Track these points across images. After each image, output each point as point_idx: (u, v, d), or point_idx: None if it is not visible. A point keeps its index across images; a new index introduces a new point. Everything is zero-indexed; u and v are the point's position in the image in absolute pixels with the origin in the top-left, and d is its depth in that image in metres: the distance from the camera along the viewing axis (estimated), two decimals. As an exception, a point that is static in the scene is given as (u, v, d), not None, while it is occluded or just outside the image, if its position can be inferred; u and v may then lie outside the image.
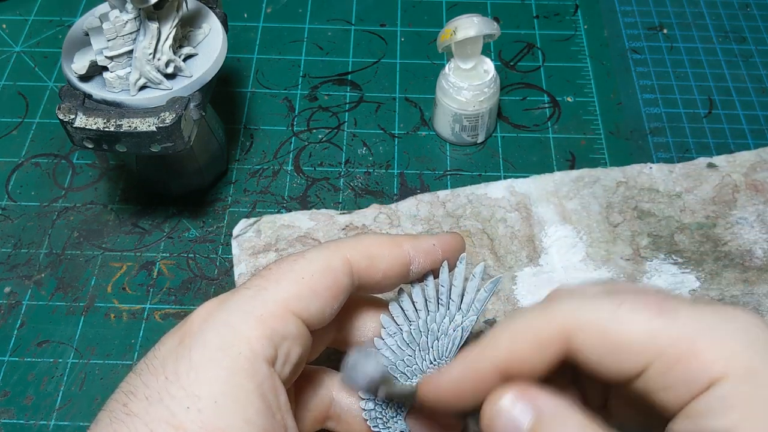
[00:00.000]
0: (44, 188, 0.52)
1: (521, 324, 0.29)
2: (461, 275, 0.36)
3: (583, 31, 0.63)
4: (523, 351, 0.28)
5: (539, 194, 0.49)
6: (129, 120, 0.43)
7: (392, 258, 0.35)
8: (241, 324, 0.31)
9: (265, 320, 0.31)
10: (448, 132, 0.54)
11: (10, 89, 0.58)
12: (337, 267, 0.34)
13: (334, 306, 0.33)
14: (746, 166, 0.51)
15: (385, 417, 0.36)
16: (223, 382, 0.29)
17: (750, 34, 0.62)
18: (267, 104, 0.58)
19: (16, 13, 0.64)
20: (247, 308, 0.31)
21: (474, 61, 0.52)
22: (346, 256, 0.34)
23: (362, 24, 0.63)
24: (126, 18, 0.42)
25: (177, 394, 0.29)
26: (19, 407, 0.42)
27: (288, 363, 0.31)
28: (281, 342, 0.31)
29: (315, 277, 0.33)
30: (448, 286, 0.36)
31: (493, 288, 0.36)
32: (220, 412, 0.28)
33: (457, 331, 0.36)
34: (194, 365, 0.29)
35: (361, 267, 0.34)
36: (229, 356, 0.30)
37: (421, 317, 0.36)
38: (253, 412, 0.29)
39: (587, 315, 0.28)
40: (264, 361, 0.30)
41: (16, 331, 0.45)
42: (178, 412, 0.28)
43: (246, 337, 0.30)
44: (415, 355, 0.36)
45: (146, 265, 0.48)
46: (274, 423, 0.29)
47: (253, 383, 0.29)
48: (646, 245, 0.47)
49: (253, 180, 0.53)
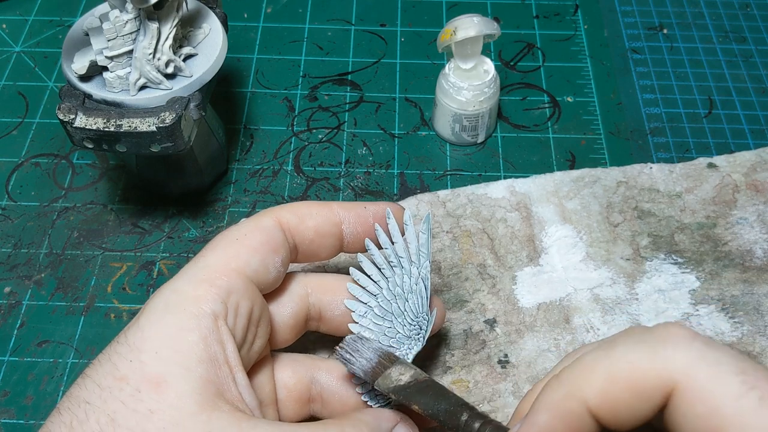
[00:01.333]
0: (44, 188, 0.52)
1: (622, 363, 0.24)
2: (396, 230, 0.37)
3: (583, 31, 0.63)
4: (619, 397, 0.24)
5: (539, 194, 0.49)
6: (129, 120, 0.43)
7: (321, 216, 0.37)
8: (185, 286, 0.32)
9: (208, 279, 0.32)
10: (448, 132, 0.54)
11: (10, 89, 0.58)
12: (268, 224, 0.35)
13: (276, 260, 0.35)
14: (746, 166, 0.51)
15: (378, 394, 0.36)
16: (166, 336, 0.31)
17: (750, 34, 0.62)
18: (267, 104, 0.58)
19: (16, 13, 0.64)
20: (189, 274, 0.33)
21: (474, 61, 0.52)
22: (275, 216, 0.36)
23: (362, 24, 0.63)
24: (126, 18, 0.42)
25: (122, 351, 0.30)
26: (19, 407, 0.42)
27: (239, 316, 0.33)
28: (228, 296, 0.32)
29: (248, 235, 0.35)
30: (391, 246, 0.37)
31: (428, 226, 0.37)
32: (160, 361, 0.30)
33: (419, 283, 0.37)
34: (141, 326, 0.31)
35: (291, 224, 0.36)
36: (172, 314, 0.31)
37: (382, 287, 0.37)
38: (195, 362, 0.30)
39: (703, 379, 0.23)
40: (210, 316, 0.31)
41: (16, 331, 0.45)
42: (122, 365, 0.30)
43: (190, 297, 0.32)
44: (394, 324, 0.37)
45: (146, 265, 0.48)
46: (219, 373, 0.30)
47: (197, 335, 0.31)
48: (646, 245, 0.47)
49: (253, 180, 0.53)
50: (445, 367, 0.42)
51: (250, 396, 0.32)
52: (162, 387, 0.29)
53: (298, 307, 0.37)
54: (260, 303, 0.34)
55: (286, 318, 0.37)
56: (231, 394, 0.30)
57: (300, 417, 0.37)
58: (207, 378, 0.30)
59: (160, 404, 0.29)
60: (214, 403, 0.29)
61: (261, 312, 0.34)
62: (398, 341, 0.36)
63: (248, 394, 0.31)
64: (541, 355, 0.42)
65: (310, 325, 0.38)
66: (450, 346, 0.43)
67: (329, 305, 0.38)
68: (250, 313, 0.33)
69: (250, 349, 0.34)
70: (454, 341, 0.43)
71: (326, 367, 0.37)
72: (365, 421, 0.32)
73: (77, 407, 0.29)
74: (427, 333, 0.37)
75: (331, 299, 0.38)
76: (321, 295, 0.38)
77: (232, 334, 0.32)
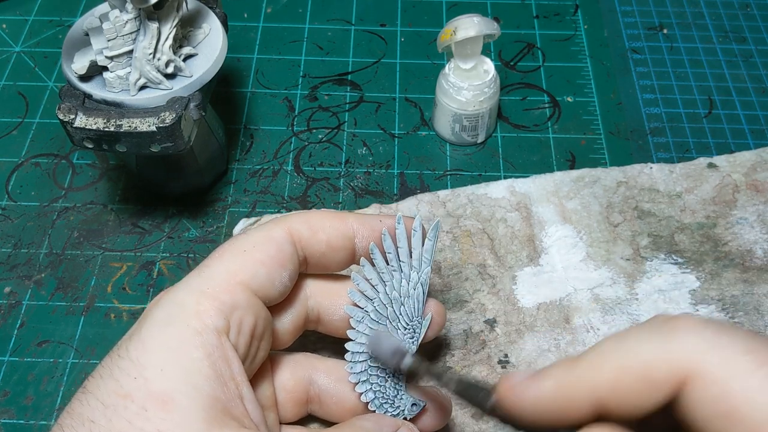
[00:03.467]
0: (44, 188, 0.52)
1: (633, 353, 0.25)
2: (403, 236, 0.37)
3: (583, 31, 0.63)
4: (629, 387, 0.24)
5: (539, 194, 0.49)
6: (129, 120, 0.43)
7: (334, 229, 0.35)
8: (188, 299, 0.31)
9: (212, 293, 0.32)
10: (448, 132, 0.54)
11: (10, 89, 0.58)
12: (279, 236, 0.34)
13: (283, 274, 0.34)
14: (746, 166, 0.51)
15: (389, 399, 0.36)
16: (170, 351, 0.30)
17: (750, 34, 0.62)
18: (267, 104, 0.58)
19: (16, 13, 0.64)
20: (192, 285, 0.32)
21: (474, 61, 0.52)
22: (286, 227, 0.35)
23: (362, 24, 0.63)
24: (126, 18, 0.42)
25: (125, 366, 0.30)
26: (19, 407, 0.42)
27: (242, 333, 0.32)
28: (231, 312, 0.31)
29: (257, 247, 0.33)
30: (395, 251, 0.36)
31: (435, 233, 0.37)
32: (165, 379, 0.29)
33: (418, 288, 0.36)
34: (143, 339, 0.30)
35: (303, 236, 0.35)
36: (176, 328, 0.30)
37: (380, 291, 0.37)
38: (201, 379, 0.29)
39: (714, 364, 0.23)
40: (213, 332, 0.30)
41: (16, 331, 0.45)
42: (126, 382, 0.29)
43: (193, 311, 0.31)
44: (388, 328, 0.36)
45: (146, 265, 0.48)
46: (225, 390, 0.30)
47: (202, 352, 0.30)
48: (646, 245, 0.47)
49: (253, 180, 0.53)
50: (445, 367, 0.42)
51: (255, 410, 0.31)
52: (169, 405, 0.28)
53: (297, 311, 0.37)
54: (264, 317, 0.34)
55: (285, 322, 0.36)
56: (238, 410, 0.30)
57: (298, 417, 0.37)
58: (214, 395, 0.29)
59: (168, 423, 0.28)
60: (221, 421, 0.29)
61: (265, 327, 0.34)
62: None
63: (254, 409, 0.31)
64: (541, 355, 0.42)
65: (309, 326, 0.38)
66: (450, 346, 0.43)
67: (328, 309, 0.37)
68: (253, 329, 0.33)
69: (253, 362, 0.33)
70: (454, 341, 0.43)
71: (325, 368, 0.37)
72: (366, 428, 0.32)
73: (81, 426, 0.28)
74: (420, 338, 0.37)
75: (331, 303, 0.37)
76: (320, 299, 0.37)
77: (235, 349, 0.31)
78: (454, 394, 0.31)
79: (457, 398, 0.31)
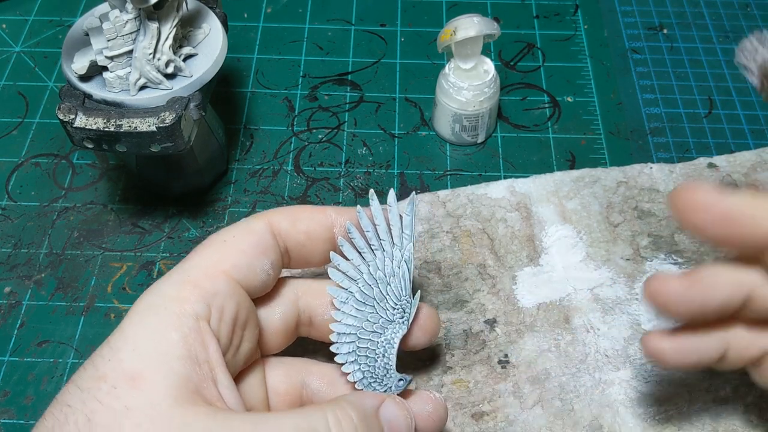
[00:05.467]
0: (44, 188, 0.52)
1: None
2: (379, 213, 0.36)
3: (583, 31, 0.63)
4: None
5: (539, 194, 0.49)
6: (129, 120, 0.43)
7: (313, 220, 0.36)
8: (169, 288, 0.32)
9: (192, 281, 0.32)
10: (448, 132, 0.54)
11: (10, 89, 0.58)
12: (259, 227, 0.35)
13: (265, 262, 0.34)
14: (746, 166, 0.51)
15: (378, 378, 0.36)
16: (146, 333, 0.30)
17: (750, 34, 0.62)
18: (267, 104, 0.58)
19: (16, 13, 0.64)
20: (174, 276, 0.33)
21: (474, 61, 0.52)
22: (266, 219, 0.35)
23: (362, 24, 0.63)
24: (126, 18, 0.42)
25: (104, 353, 0.30)
26: (19, 407, 0.42)
27: (224, 320, 0.32)
28: (212, 298, 0.32)
29: (237, 237, 0.34)
30: (373, 229, 0.36)
31: (412, 208, 0.36)
32: (138, 357, 0.29)
33: (402, 266, 0.36)
34: (122, 328, 0.31)
35: (283, 227, 0.36)
36: (155, 313, 0.31)
37: (363, 271, 0.36)
38: (173, 359, 0.30)
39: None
40: (192, 316, 0.31)
41: (16, 331, 0.45)
42: (101, 365, 0.30)
43: (174, 297, 0.31)
44: (376, 309, 0.36)
45: (146, 265, 0.48)
46: (198, 371, 0.30)
47: (178, 334, 0.30)
48: (646, 245, 0.47)
49: (253, 180, 0.53)
50: (445, 367, 0.42)
51: (233, 397, 0.31)
52: (137, 381, 0.29)
53: (287, 311, 0.37)
54: (247, 306, 0.34)
55: (275, 322, 0.36)
56: (210, 392, 0.30)
57: None
58: (185, 375, 0.29)
59: (136, 399, 0.28)
60: (191, 399, 0.29)
61: (248, 315, 0.34)
62: (381, 326, 0.36)
63: (231, 396, 0.31)
64: (542, 355, 0.42)
65: (301, 331, 0.38)
66: (450, 346, 0.43)
67: (318, 309, 0.37)
68: (235, 316, 0.33)
69: (237, 352, 0.33)
70: (454, 341, 0.43)
71: (318, 371, 0.37)
72: (349, 401, 0.32)
73: (59, 411, 0.29)
74: (411, 316, 0.36)
75: (321, 303, 0.37)
76: (310, 299, 0.37)
77: (216, 336, 0.31)
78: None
79: None
